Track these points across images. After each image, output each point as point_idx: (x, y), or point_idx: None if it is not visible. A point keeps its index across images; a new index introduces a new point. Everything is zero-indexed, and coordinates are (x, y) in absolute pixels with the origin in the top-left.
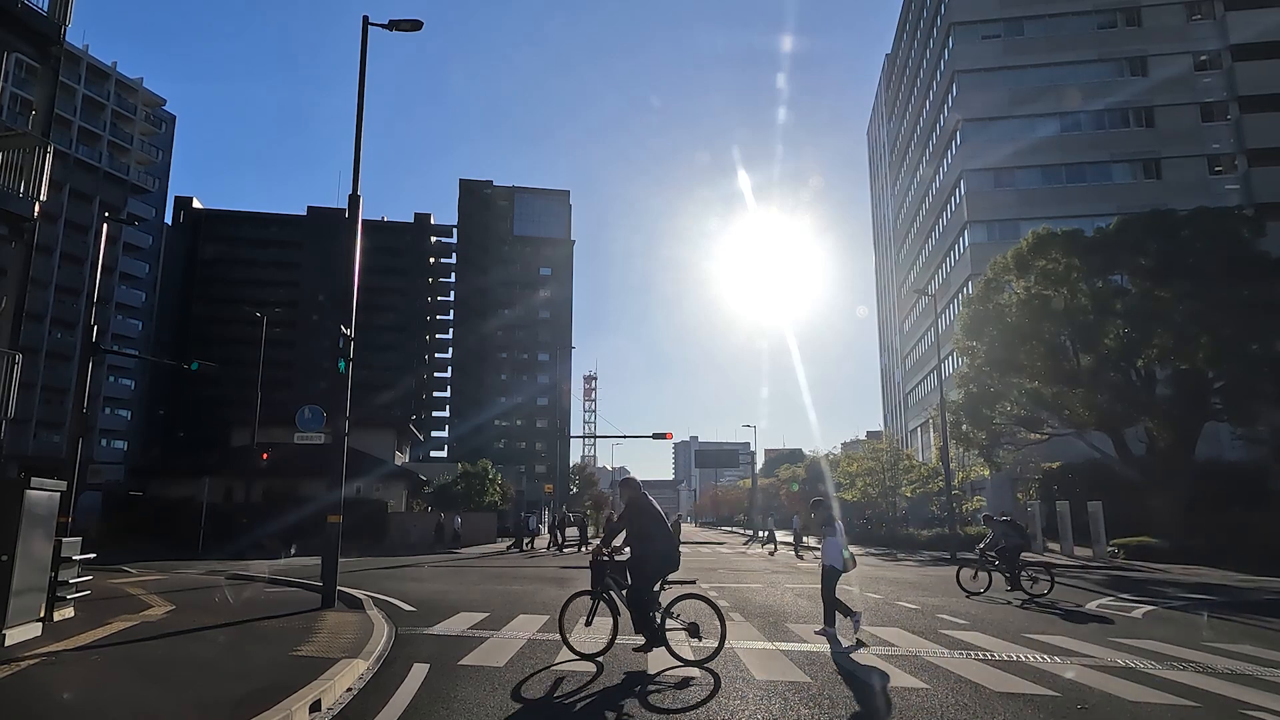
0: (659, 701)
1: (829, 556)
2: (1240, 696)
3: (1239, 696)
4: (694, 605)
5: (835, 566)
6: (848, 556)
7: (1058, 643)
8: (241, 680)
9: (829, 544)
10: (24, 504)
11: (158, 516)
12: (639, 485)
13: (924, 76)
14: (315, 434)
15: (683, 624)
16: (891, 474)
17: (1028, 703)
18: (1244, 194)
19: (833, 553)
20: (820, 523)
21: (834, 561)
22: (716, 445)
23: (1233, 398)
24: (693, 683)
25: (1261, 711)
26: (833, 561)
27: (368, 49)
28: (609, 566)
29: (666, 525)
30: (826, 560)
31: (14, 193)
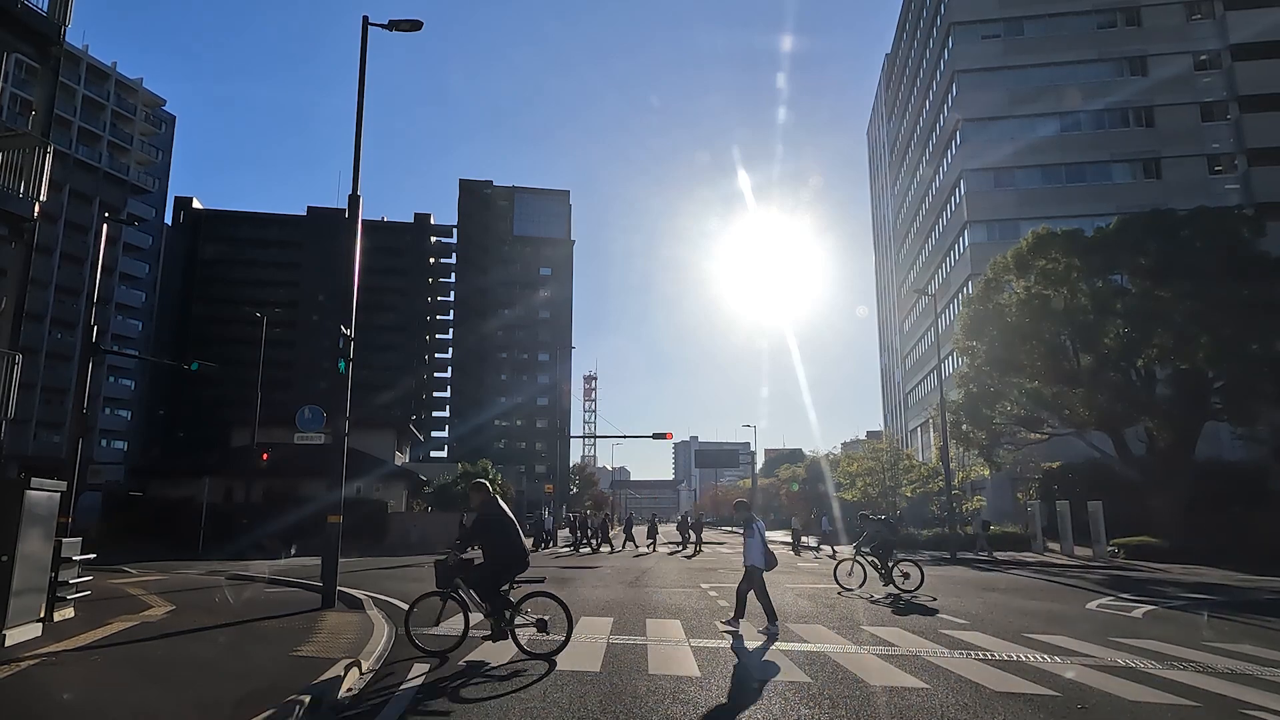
0: (661, 703)
1: (751, 556)
2: (1240, 696)
3: (1239, 696)
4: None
5: (757, 566)
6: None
7: (1058, 643)
8: (242, 680)
9: (750, 544)
10: (24, 504)
11: (158, 517)
12: (489, 489)
13: (924, 76)
14: (315, 434)
15: (532, 620)
16: (891, 474)
17: (1028, 703)
18: (1244, 194)
19: (754, 553)
20: (742, 523)
21: (755, 561)
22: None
23: (1233, 397)
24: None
25: (1262, 711)
26: (754, 561)
27: (368, 49)
28: (459, 568)
29: (517, 528)
30: (748, 560)
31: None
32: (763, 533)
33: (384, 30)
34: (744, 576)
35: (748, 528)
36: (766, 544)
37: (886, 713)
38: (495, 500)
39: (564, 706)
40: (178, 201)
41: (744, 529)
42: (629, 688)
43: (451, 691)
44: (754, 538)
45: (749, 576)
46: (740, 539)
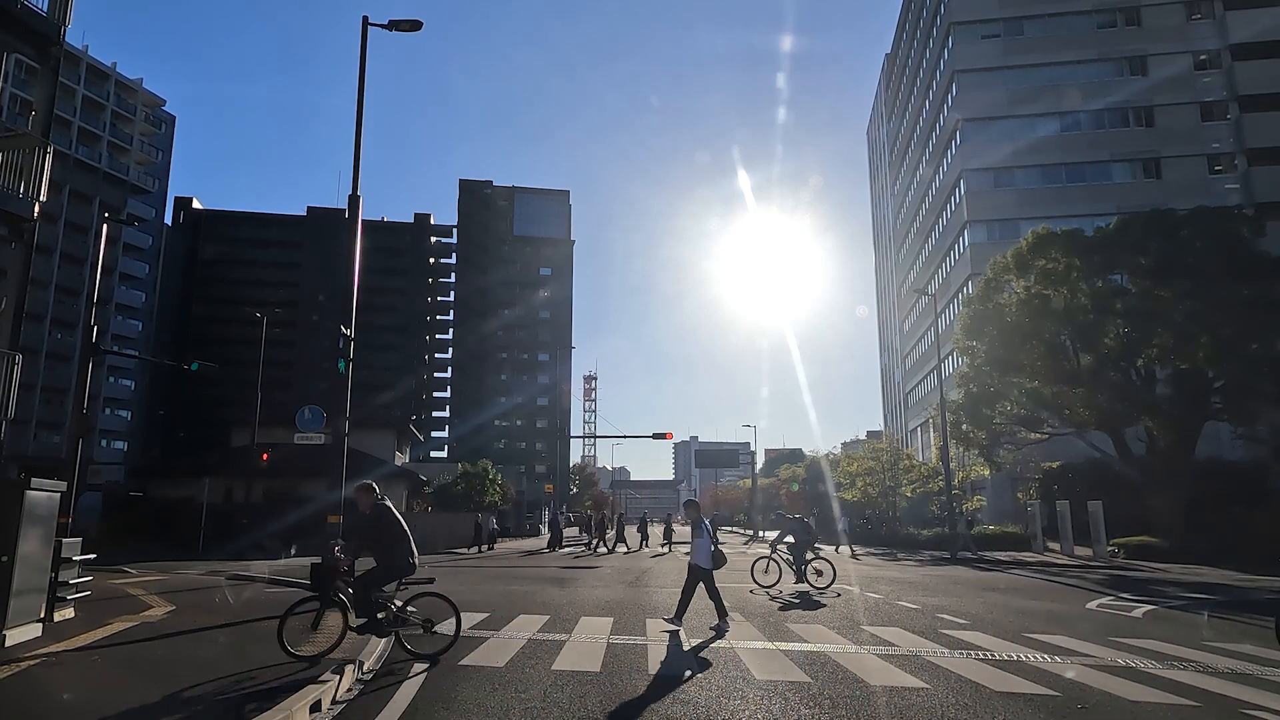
0: (661, 703)
1: (697, 556)
2: (1241, 696)
3: (1239, 696)
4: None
5: (702, 565)
6: (716, 554)
7: (1058, 642)
8: (242, 680)
9: (697, 544)
10: (24, 504)
11: (158, 517)
12: (378, 490)
13: (924, 76)
14: (315, 434)
15: (419, 619)
16: (891, 474)
17: (1028, 702)
18: (1244, 193)
19: (700, 553)
20: (692, 523)
21: (701, 561)
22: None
23: (1233, 397)
24: (701, 681)
25: (1262, 711)
26: (699, 561)
27: (367, 49)
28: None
29: (408, 532)
30: (694, 560)
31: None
32: (711, 533)
33: (384, 30)
34: (689, 575)
35: (696, 528)
36: (716, 544)
37: (886, 712)
38: (386, 503)
39: (564, 706)
40: (178, 201)
41: (693, 529)
42: (629, 688)
43: (451, 691)
44: (702, 538)
45: (694, 575)
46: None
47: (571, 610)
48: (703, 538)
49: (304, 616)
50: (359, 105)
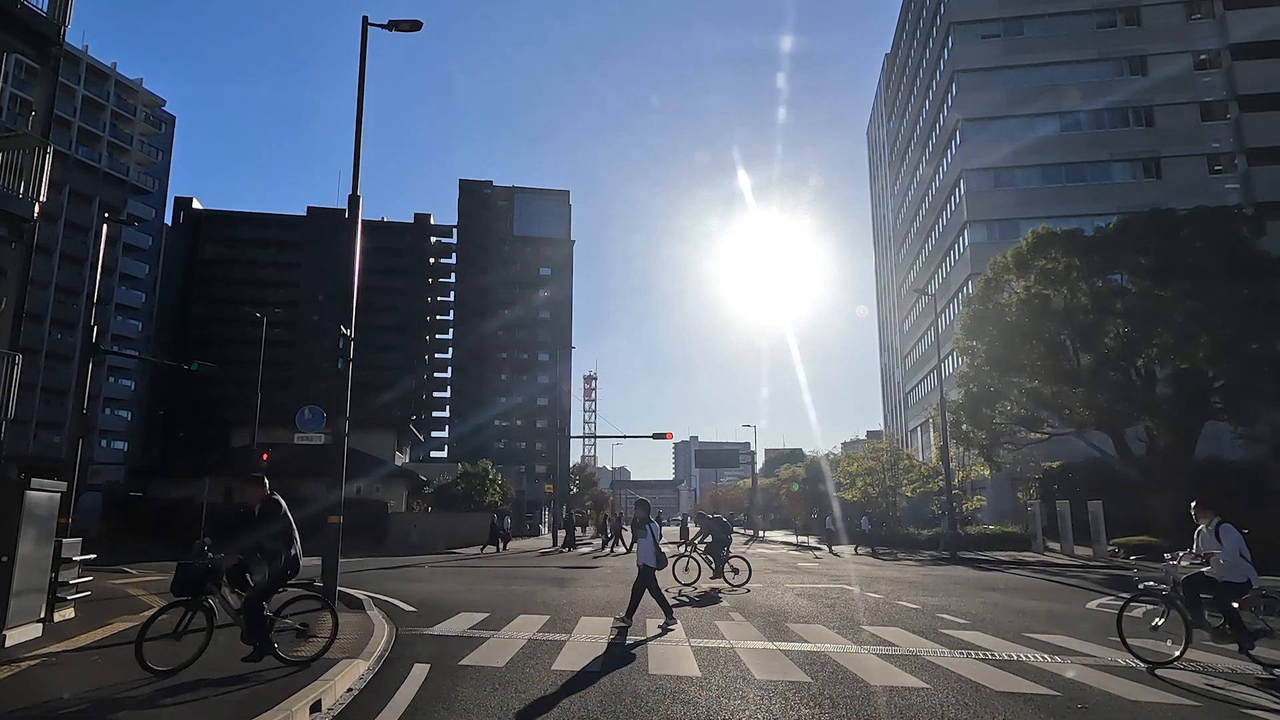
0: (661, 703)
1: (642, 555)
2: (1241, 696)
3: (1240, 696)
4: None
5: (649, 564)
6: (660, 555)
7: (1058, 642)
8: (241, 680)
9: (642, 544)
10: (24, 505)
11: (158, 517)
12: (268, 483)
13: (924, 76)
14: (315, 434)
15: (295, 624)
16: (891, 474)
17: (1028, 702)
18: (1244, 193)
19: (646, 552)
20: (639, 523)
21: (647, 560)
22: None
23: (1233, 397)
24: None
25: (1263, 711)
26: (645, 560)
27: (367, 49)
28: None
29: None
30: (640, 559)
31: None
32: (656, 534)
33: (384, 30)
34: (638, 575)
35: (641, 528)
36: (659, 545)
37: (887, 712)
38: (277, 497)
39: (564, 706)
40: (178, 202)
41: (637, 529)
42: (629, 687)
43: (452, 692)
44: (647, 538)
45: (642, 575)
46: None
47: (571, 610)
48: (647, 538)
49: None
50: (359, 105)
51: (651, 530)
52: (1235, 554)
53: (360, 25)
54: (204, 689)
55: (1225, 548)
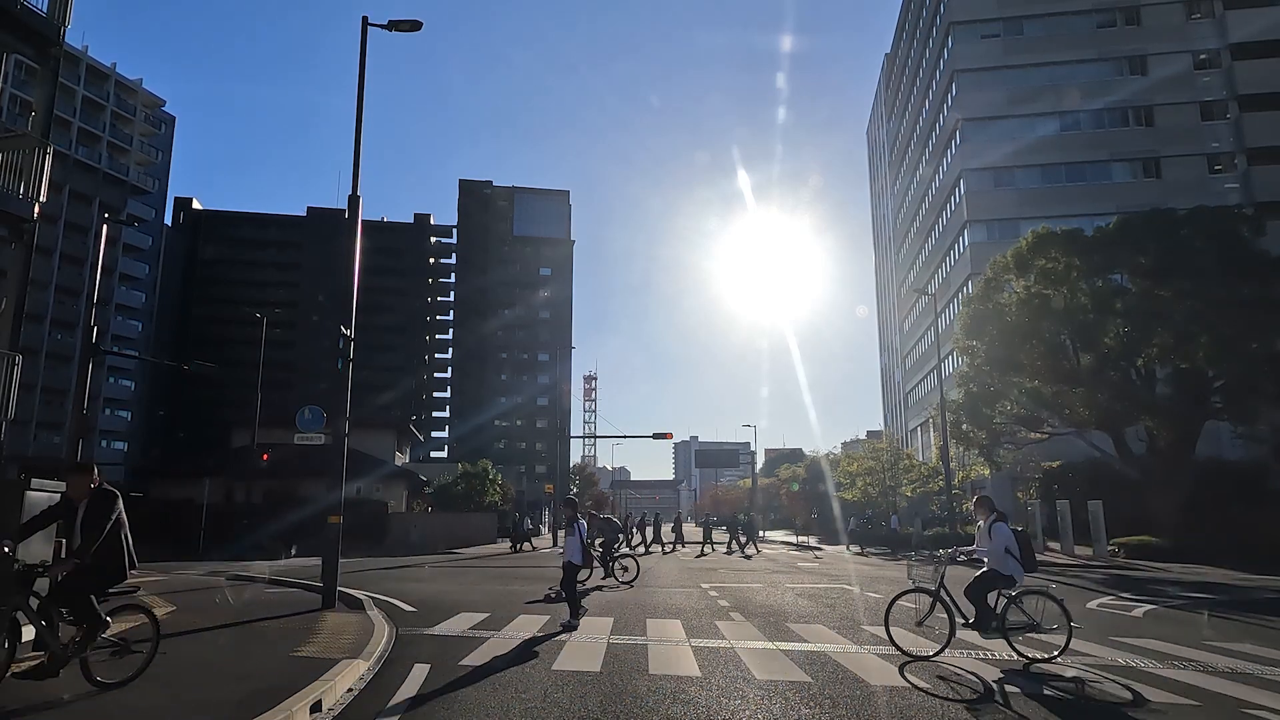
0: (661, 703)
1: (569, 554)
2: (1242, 695)
3: (1240, 695)
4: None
5: (575, 562)
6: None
7: (1059, 642)
8: (242, 681)
9: (570, 542)
10: (24, 505)
11: (158, 518)
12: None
13: (923, 76)
14: (315, 434)
15: (115, 639)
16: (891, 473)
17: (1029, 702)
18: (1244, 193)
19: (572, 550)
20: (567, 521)
21: (573, 558)
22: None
23: (1233, 396)
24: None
25: (1263, 710)
26: (571, 557)
27: (367, 49)
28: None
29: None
30: (566, 556)
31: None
32: (583, 533)
33: (384, 30)
34: (564, 573)
35: (569, 527)
36: (585, 543)
37: (887, 712)
38: (107, 488)
39: (565, 706)
40: (177, 202)
41: (565, 528)
42: (629, 688)
43: (452, 692)
44: (574, 536)
45: (570, 571)
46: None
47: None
48: (574, 536)
49: None
50: (359, 105)
51: (579, 529)
52: (1001, 551)
53: (360, 25)
54: (204, 689)
55: (992, 545)
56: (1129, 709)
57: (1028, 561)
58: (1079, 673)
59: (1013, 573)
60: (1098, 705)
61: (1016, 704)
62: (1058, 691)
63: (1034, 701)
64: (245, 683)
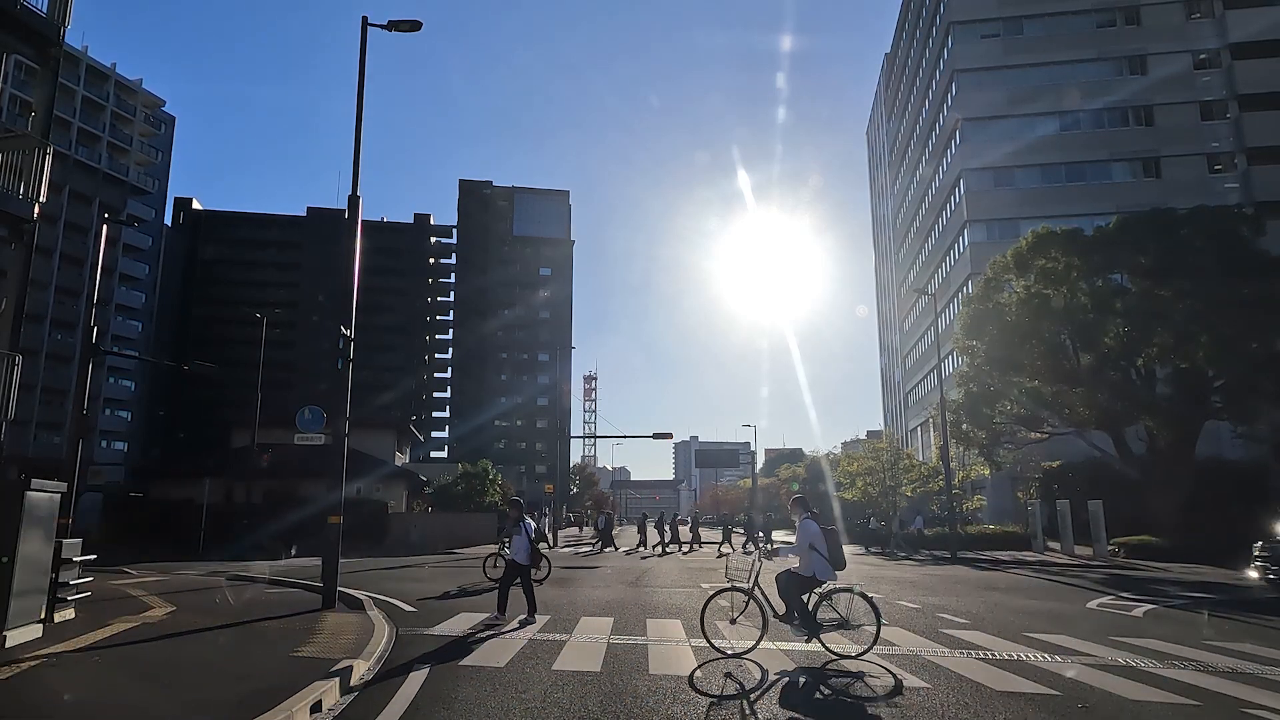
0: (661, 703)
1: (516, 553)
2: (1241, 695)
3: (1240, 695)
4: None
5: (520, 561)
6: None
7: (1059, 642)
8: (242, 681)
9: (516, 542)
10: (24, 505)
11: (158, 518)
12: None
13: (923, 76)
14: (315, 435)
15: None
16: (892, 473)
17: (1029, 702)
18: (1244, 192)
19: (519, 550)
20: (513, 521)
21: (518, 557)
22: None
23: (1233, 396)
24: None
25: (1263, 710)
26: (516, 556)
27: (367, 50)
28: None
29: None
30: (513, 555)
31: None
32: (530, 533)
33: (384, 31)
34: (505, 570)
35: (516, 527)
36: (533, 543)
37: (887, 712)
38: None
39: (564, 706)
40: (177, 202)
41: (511, 527)
42: (630, 688)
43: (452, 692)
44: (520, 536)
45: (511, 569)
46: None
47: (572, 610)
48: (520, 536)
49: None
50: (359, 105)
51: (525, 529)
52: (805, 549)
53: (360, 26)
54: (204, 689)
55: (795, 542)
56: (1130, 709)
57: (836, 560)
58: (1079, 673)
59: (817, 570)
60: (1099, 704)
61: (1014, 703)
62: (1058, 691)
63: (1034, 702)
64: (245, 683)
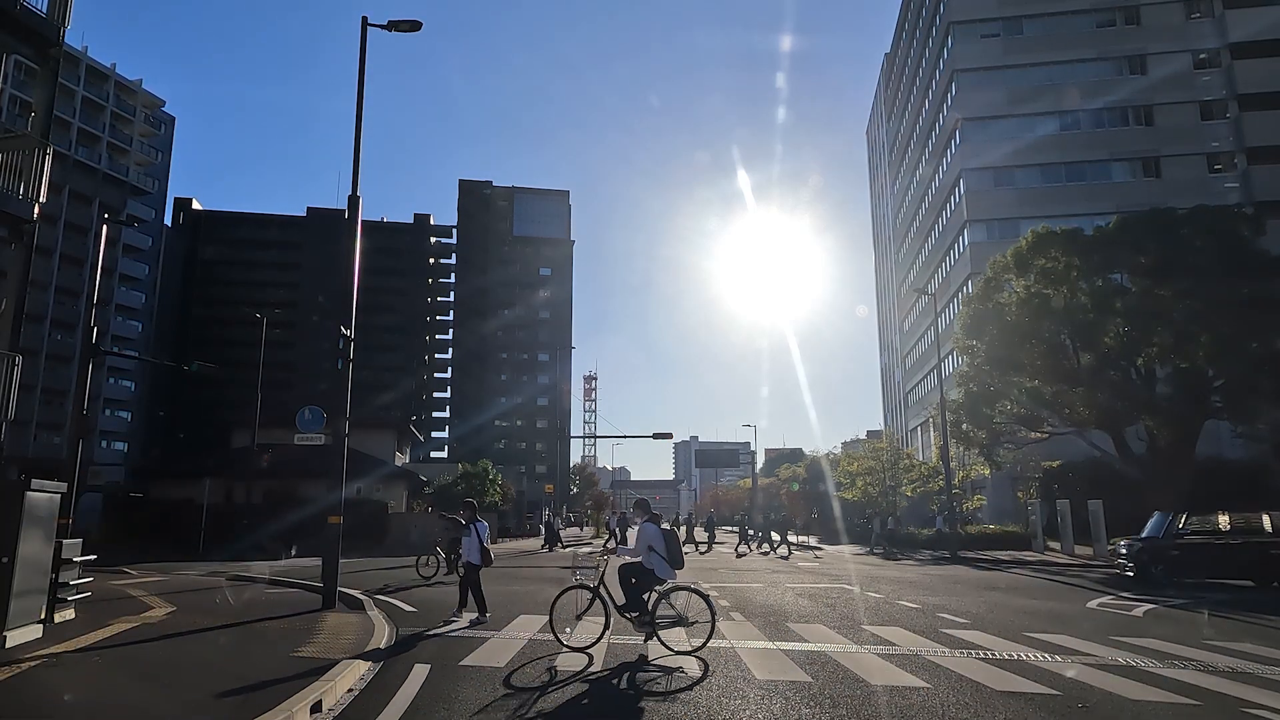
0: (662, 703)
1: (468, 554)
2: (1242, 695)
3: (1240, 695)
4: None
5: (473, 562)
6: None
7: (1059, 641)
8: (243, 681)
9: (468, 543)
10: (24, 506)
11: (158, 518)
12: None
13: (923, 76)
14: (315, 435)
15: None
16: (892, 473)
17: (1029, 701)
18: (1243, 192)
19: (470, 551)
20: (466, 523)
21: (472, 558)
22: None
23: (1233, 395)
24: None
25: (1263, 710)
26: (470, 558)
27: (367, 50)
28: None
29: None
30: (465, 557)
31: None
32: (482, 534)
33: (383, 31)
34: (464, 572)
35: (467, 528)
36: (484, 544)
37: (887, 712)
38: None
39: (565, 706)
40: (177, 203)
41: (463, 530)
42: (630, 687)
43: (452, 692)
44: (472, 538)
45: (467, 571)
46: None
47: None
48: (471, 537)
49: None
50: (358, 106)
51: (477, 530)
52: (644, 548)
53: (360, 26)
54: (204, 689)
55: (634, 544)
56: (1130, 708)
57: (674, 559)
58: (1079, 673)
59: (657, 569)
60: (1099, 704)
61: (1014, 703)
62: (1059, 690)
63: (1034, 702)
64: (246, 683)
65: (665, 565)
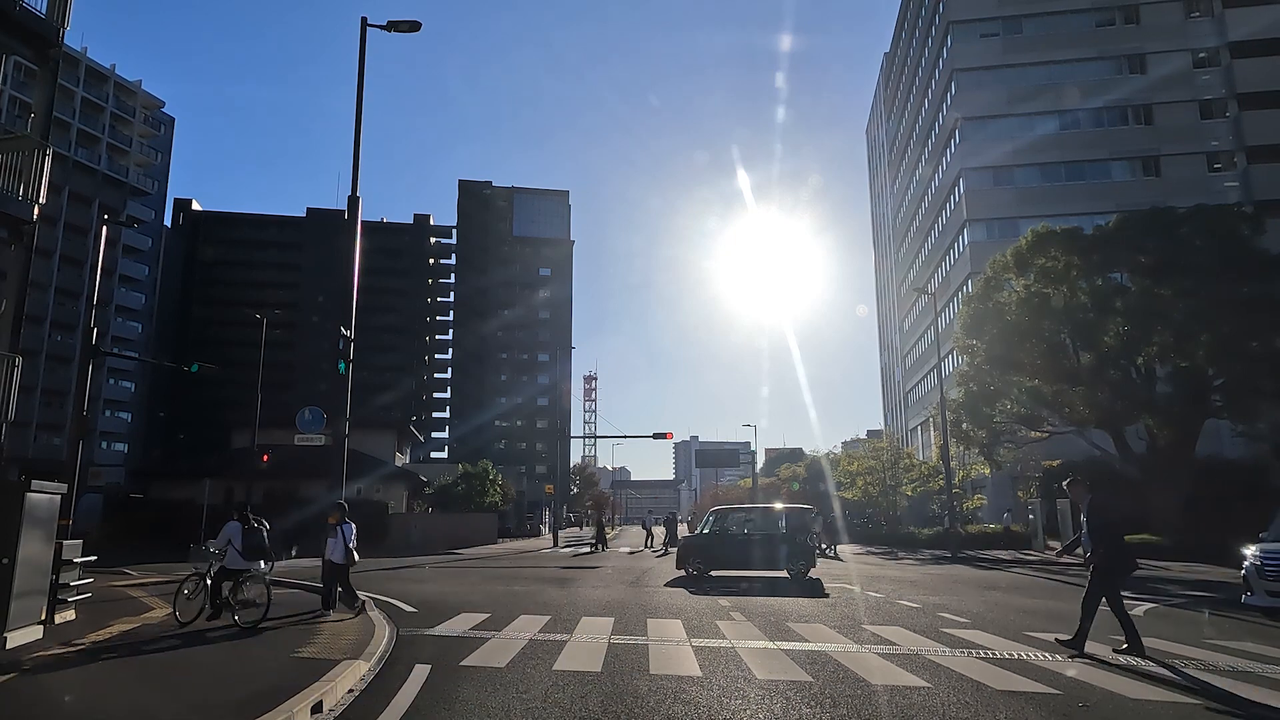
0: (662, 703)
1: (333, 553)
2: (1242, 694)
3: (1241, 694)
4: None
5: (337, 561)
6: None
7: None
8: (243, 682)
9: (333, 543)
10: (25, 507)
11: (159, 519)
12: None
13: (923, 75)
14: (316, 435)
15: None
16: (892, 473)
17: (1029, 701)
18: (1243, 191)
19: (335, 550)
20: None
21: (334, 557)
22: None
23: (1233, 394)
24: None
25: (1264, 709)
26: (333, 557)
27: (366, 50)
28: None
29: None
30: (329, 556)
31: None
32: (348, 535)
33: (383, 31)
34: (325, 570)
35: (334, 530)
36: (349, 545)
37: (888, 712)
38: None
39: (565, 706)
40: (177, 203)
41: (330, 530)
42: (630, 688)
43: (453, 692)
44: (338, 539)
45: (330, 569)
46: None
47: (572, 610)
48: (337, 538)
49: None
50: (358, 106)
51: (343, 531)
52: (225, 543)
53: (360, 26)
54: (205, 690)
55: (218, 538)
56: (1130, 707)
57: (247, 554)
58: (1079, 672)
59: (229, 561)
60: (1099, 704)
61: (1015, 703)
62: (1059, 690)
63: (1034, 701)
64: (246, 684)
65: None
